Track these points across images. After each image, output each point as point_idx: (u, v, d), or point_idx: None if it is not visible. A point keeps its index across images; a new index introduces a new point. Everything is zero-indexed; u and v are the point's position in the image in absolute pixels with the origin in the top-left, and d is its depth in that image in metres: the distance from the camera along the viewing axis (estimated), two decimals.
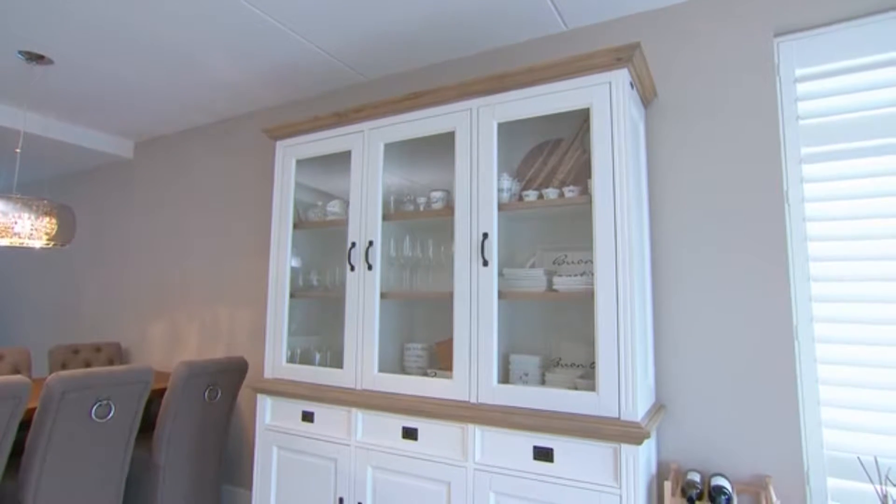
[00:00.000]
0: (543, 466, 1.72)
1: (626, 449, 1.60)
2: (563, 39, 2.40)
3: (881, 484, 1.58)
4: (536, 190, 2.02)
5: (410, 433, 1.97)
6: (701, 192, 2.03)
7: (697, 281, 2.00)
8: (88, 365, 3.59)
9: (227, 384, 2.82)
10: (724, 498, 1.64)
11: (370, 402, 2.04)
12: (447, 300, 2.04)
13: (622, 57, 1.74)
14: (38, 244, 2.61)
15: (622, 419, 1.63)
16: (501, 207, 1.97)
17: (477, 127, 2.01)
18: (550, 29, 2.38)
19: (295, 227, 2.49)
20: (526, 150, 2.26)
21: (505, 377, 2.06)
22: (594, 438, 1.64)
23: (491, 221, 1.93)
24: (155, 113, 3.48)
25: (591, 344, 2.03)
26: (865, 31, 1.84)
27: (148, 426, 3.00)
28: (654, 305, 2.06)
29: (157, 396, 2.93)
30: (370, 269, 2.18)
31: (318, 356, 2.50)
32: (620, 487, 1.60)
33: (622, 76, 1.77)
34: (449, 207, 2.14)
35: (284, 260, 2.45)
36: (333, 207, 2.47)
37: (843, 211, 1.82)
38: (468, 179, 1.99)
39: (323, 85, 3.02)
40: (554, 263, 2.15)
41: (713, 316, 1.96)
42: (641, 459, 1.62)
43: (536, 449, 1.74)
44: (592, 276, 1.76)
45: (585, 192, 1.92)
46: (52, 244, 2.68)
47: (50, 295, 4.63)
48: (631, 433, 1.58)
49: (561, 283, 1.88)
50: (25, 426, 2.29)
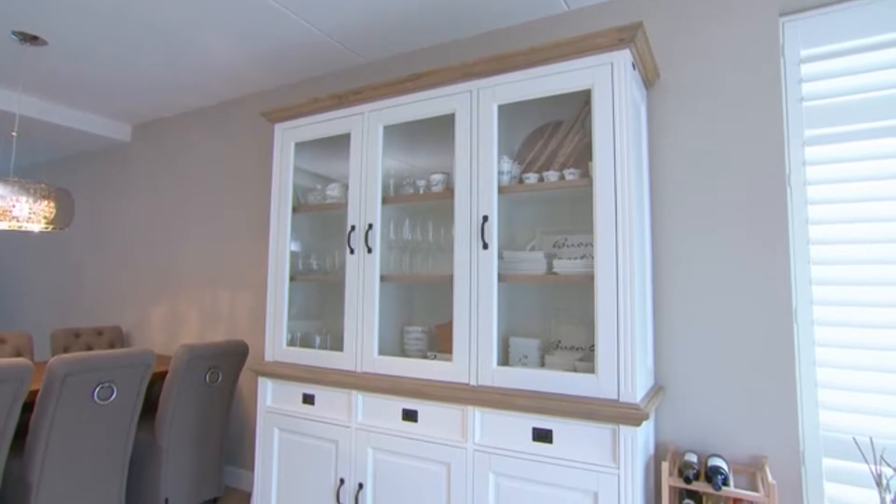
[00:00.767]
0: (542, 447, 1.74)
1: (624, 430, 1.62)
2: (564, 20, 2.36)
3: (875, 464, 1.59)
4: (537, 173, 2.00)
5: (410, 415, 1.99)
6: (702, 175, 2.02)
7: (698, 264, 2.00)
8: (90, 348, 3.61)
9: (227, 367, 2.84)
10: (720, 478, 1.66)
11: (370, 384, 2.05)
12: (447, 283, 2.04)
13: (624, 37, 1.72)
14: (36, 228, 2.60)
15: (621, 401, 1.64)
16: (501, 190, 1.96)
17: (477, 109, 1.99)
18: (552, 9, 2.35)
19: (294, 210, 2.48)
20: (526, 132, 2.24)
21: (504, 359, 2.07)
22: (593, 420, 1.65)
23: (491, 204, 1.92)
24: (152, 95, 3.44)
25: (590, 327, 2.03)
26: (872, 10, 1.81)
27: (150, 408, 3.03)
28: (653, 288, 2.06)
29: (158, 379, 2.94)
30: (370, 252, 2.17)
31: (318, 339, 2.50)
32: (619, 468, 1.62)
33: (624, 57, 1.74)
34: (449, 190, 2.13)
35: (284, 243, 2.44)
36: (333, 191, 2.46)
37: (845, 194, 1.82)
38: (468, 162, 1.98)
39: (321, 67, 2.98)
40: (554, 246, 2.15)
41: (713, 298, 1.96)
42: (640, 440, 1.63)
43: (536, 430, 1.75)
44: (592, 259, 1.76)
45: (586, 174, 1.91)
46: (50, 228, 2.66)
47: (50, 279, 4.63)
48: (629, 415, 1.59)
49: (561, 266, 1.88)
50: (29, 408, 2.31)
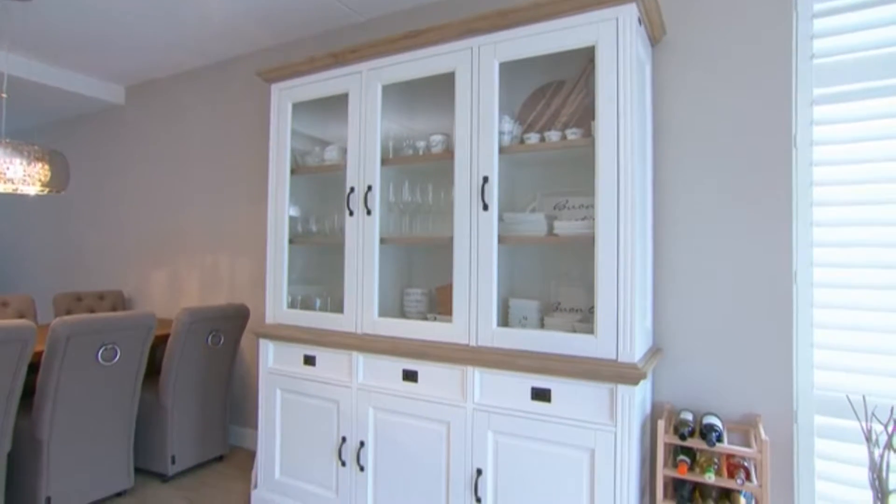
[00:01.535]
0: (541, 406, 1.77)
1: (622, 389, 1.64)
2: None
3: (867, 420, 1.62)
4: (538, 133, 1.97)
5: (411, 375, 2.01)
6: (707, 134, 1.99)
7: (699, 224, 1.99)
8: (92, 312, 3.63)
9: (229, 330, 2.86)
10: (714, 435, 1.70)
11: (371, 345, 2.07)
12: (447, 245, 2.03)
13: None
14: (32, 191, 2.58)
15: (619, 361, 1.66)
16: (502, 151, 1.93)
17: (478, 66, 1.94)
18: None
19: (292, 172, 2.45)
20: (528, 92, 2.20)
21: (504, 321, 2.08)
22: (592, 379, 1.67)
23: (491, 165, 1.89)
24: (144, 54, 3.35)
25: (590, 289, 2.04)
26: None
27: (155, 371, 3.07)
28: (654, 249, 2.06)
29: (161, 342, 2.97)
30: (369, 214, 2.16)
31: (318, 302, 2.52)
32: (616, 426, 1.65)
33: (630, 12, 1.69)
34: (449, 151, 2.10)
35: (283, 205, 2.42)
36: (331, 153, 2.42)
37: (851, 154, 1.79)
38: (468, 122, 1.94)
39: (318, 25, 2.90)
40: (555, 209, 2.13)
41: (714, 259, 1.96)
42: (637, 399, 1.65)
43: (534, 390, 1.78)
44: (593, 220, 1.74)
45: (588, 134, 1.87)
46: (46, 191, 2.64)
47: (50, 244, 4.63)
48: (628, 374, 1.61)
49: (561, 227, 1.86)
50: (35, 369, 2.34)
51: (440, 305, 2.22)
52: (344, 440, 2.16)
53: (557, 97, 2.07)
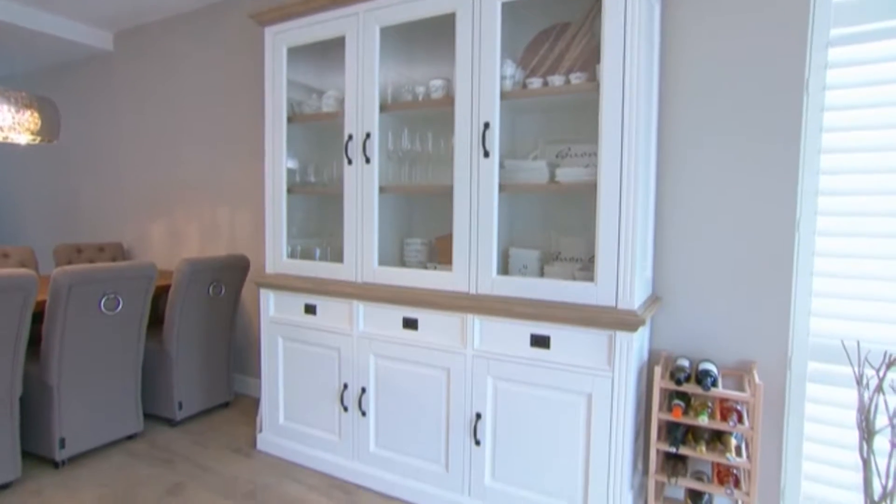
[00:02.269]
0: (540, 353, 1.79)
1: (620, 336, 1.66)
2: None
3: (859, 365, 1.65)
4: (541, 77, 1.91)
5: (411, 323, 2.03)
6: (716, 79, 1.93)
7: (704, 171, 1.96)
8: (92, 263, 3.64)
9: (230, 280, 2.88)
10: (709, 380, 1.73)
11: (371, 294, 2.08)
12: (447, 194, 2.01)
13: None
14: (22, 140, 2.52)
15: (619, 308, 1.67)
16: (504, 96, 1.88)
17: (479, 8, 1.85)
18: None
19: (289, 120, 2.39)
20: (531, 35, 2.11)
21: (504, 270, 2.08)
22: (591, 326, 1.69)
23: (493, 110, 1.85)
24: None
25: (590, 239, 2.03)
26: None
27: (158, 320, 3.11)
28: (657, 197, 2.04)
29: (163, 293, 3.00)
30: (368, 162, 2.12)
31: (318, 252, 2.51)
32: (613, 371, 1.68)
33: None
34: (449, 97, 2.04)
35: (280, 154, 2.38)
36: (329, 100, 2.36)
37: (863, 99, 1.73)
38: (469, 66, 1.88)
39: None
40: (557, 157, 2.09)
41: (717, 209, 1.94)
42: (635, 346, 1.68)
43: (534, 336, 1.80)
44: (596, 168, 1.71)
45: (593, 78, 1.81)
46: (37, 140, 2.59)
47: (47, 197, 4.59)
48: (627, 321, 1.62)
49: (563, 174, 1.84)
50: (40, 319, 2.36)
51: (440, 256, 2.22)
52: (346, 386, 2.20)
53: (561, 40, 1.99)
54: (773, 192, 1.85)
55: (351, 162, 2.16)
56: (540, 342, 1.79)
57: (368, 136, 2.12)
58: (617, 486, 1.69)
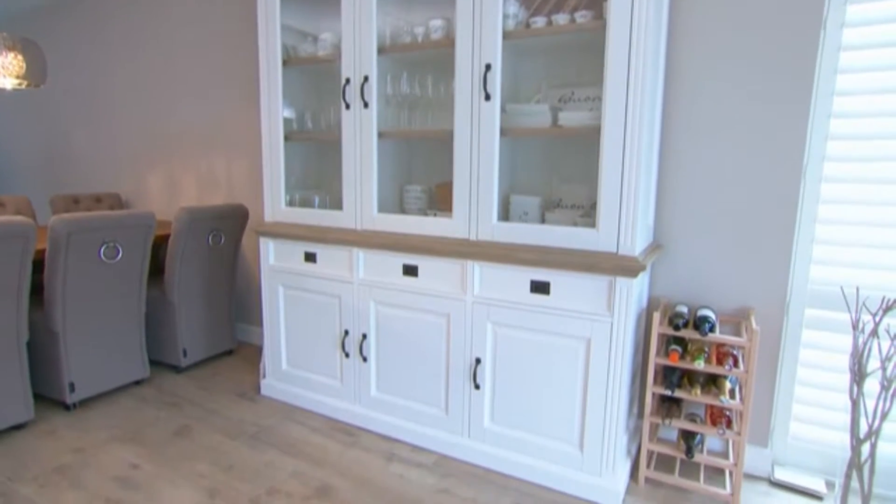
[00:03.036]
0: (540, 298, 1.80)
1: (620, 281, 1.66)
2: None
3: (857, 311, 1.66)
4: (545, 16, 1.83)
5: (411, 270, 2.04)
6: (727, 15, 1.84)
7: (710, 115, 1.91)
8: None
9: (229, 230, 2.87)
10: (707, 325, 1.75)
11: (371, 241, 2.08)
12: (447, 140, 1.97)
13: None
14: (8, 84, 2.45)
15: (620, 253, 1.66)
16: (506, 36, 1.80)
17: None
18: None
19: (285, 63, 2.31)
20: None
21: (505, 216, 2.06)
22: (591, 272, 1.69)
23: (494, 52, 1.78)
24: None
25: (592, 186, 2.00)
26: None
27: (160, 270, 3.12)
28: (661, 143, 2.00)
29: (163, 242, 2.99)
30: (366, 107, 2.07)
31: (317, 200, 2.49)
32: (612, 316, 1.69)
33: None
34: (449, 38, 1.96)
35: (276, 99, 2.31)
36: (325, 43, 2.27)
37: (883, 36, 1.66)
38: (470, 4, 1.80)
39: None
40: (560, 101, 2.04)
41: (723, 155, 1.91)
42: (635, 291, 1.68)
43: (534, 282, 1.81)
44: (599, 113, 1.67)
45: (599, 16, 1.74)
46: (23, 84, 2.51)
47: (40, 147, 4.51)
48: (627, 266, 1.62)
49: (566, 118, 1.79)
50: (41, 269, 2.37)
51: (440, 203, 2.20)
52: (347, 333, 2.23)
53: None
54: (781, 136, 1.81)
55: (349, 107, 2.11)
56: (540, 288, 1.79)
57: (366, 79, 2.05)
58: (613, 428, 1.73)
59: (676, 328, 1.77)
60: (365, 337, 2.18)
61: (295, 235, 2.28)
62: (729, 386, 1.79)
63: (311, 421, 2.31)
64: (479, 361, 1.93)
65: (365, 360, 2.20)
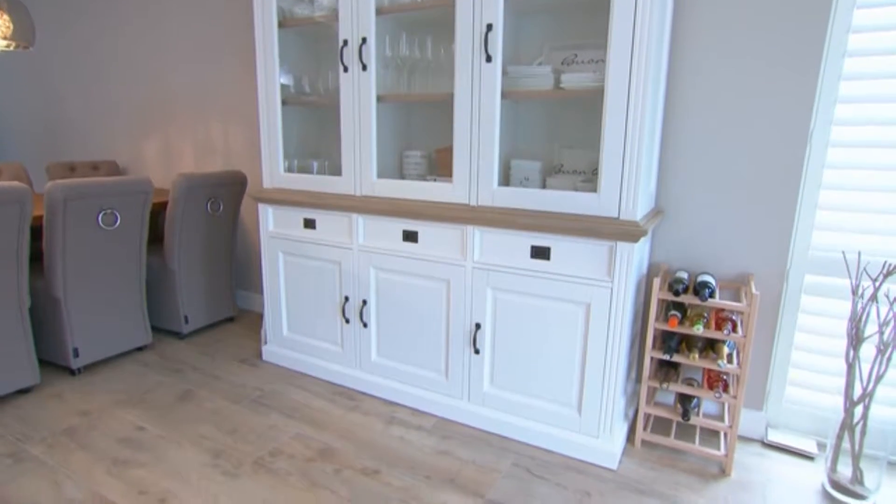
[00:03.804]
0: (540, 264, 1.80)
1: (621, 246, 1.65)
2: None
3: (857, 276, 1.66)
4: None
5: (411, 236, 2.03)
6: None
7: (716, 79, 1.87)
8: None
9: (227, 196, 2.85)
10: (707, 291, 1.75)
11: (370, 206, 2.06)
12: (447, 104, 1.93)
13: None
14: None
15: (621, 218, 1.65)
16: None
17: None
18: None
19: (280, 25, 2.25)
20: None
21: (505, 182, 2.04)
22: (592, 237, 1.68)
23: (496, 10, 1.73)
24: None
25: (594, 151, 1.97)
26: None
27: (159, 239, 3.11)
28: (665, 107, 1.96)
29: (162, 210, 2.98)
30: (364, 69, 2.02)
31: (315, 165, 2.46)
32: (612, 281, 1.69)
33: None
34: None
35: (272, 62, 2.26)
36: (322, 3, 2.20)
37: None
38: None
39: None
40: (563, 64, 1.99)
41: (728, 120, 1.87)
42: (635, 257, 1.68)
43: (534, 248, 1.80)
44: (603, 75, 1.63)
45: None
46: (11, 46, 2.45)
47: (35, 113, 4.44)
48: (628, 231, 1.61)
49: (569, 80, 1.75)
50: (40, 236, 2.36)
51: (440, 168, 2.18)
52: (347, 299, 2.24)
53: None
54: (789, 100, 1.77)
55: (347, 69, 2.06)
56: (540, 253, 1.79)
57: (364, 41, 2.00)
58: (611, 392, 1.76)
59: (676, 293, 1.78)
60: (365, 303, 2.19)
61: (294, 202, 2.26)
62: (727, 351, 1.80)
63: (312, 386, 2.34)
64: (478, 326, 1.94)
65: (365, 325, 2.22)
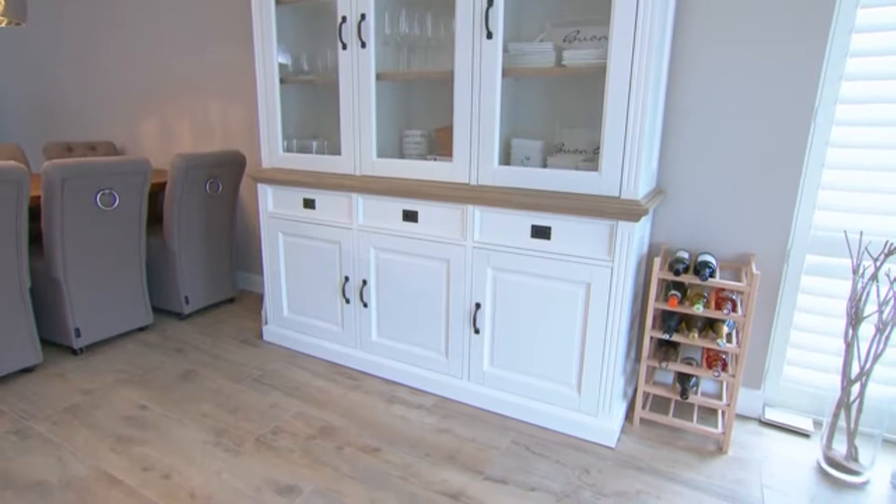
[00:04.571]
0: (540, 243, 1.80)
1: (622, 226, 1.65)
2: None
3: (858, 256, 1.66)
4: None
5: (411, 215, 2.02)
6: None
7: (721, 56, 1.84)
8: None
9: (226, 177, 2.83)
10: (708, 271, 1.75)
11: (370, 186, 2.05)
12: (447, 82, 1.91)
13: None
14: None
15: (622, 198, 1.64)
16: None
17: None
18: None
19: (278, 2, 2.21)
20: None
21: (506, 161, 2.03)
22: (593, 216, 1.67)
23: None
24: None
25: (595, 131, 1.96)
26: None
27: (159, 220, 3.10)
28: (668, 86, 1.93)
29: (161, 191, 2.96)
30: (363, 47, 1.99)
31: (315, 145, 2.44)
32: (613, 261, 1.69)
33: None
34: None
35: (270, 39, 2.23)
36: None
37: None
38: None
39: None
40: (564, 41, 1.96)
41: (731, 99, 1.85)
42: (636, 236, 1.67)
43: (534, 227, 1.79)
44: (605, 52, 1.60)
45: None
46: (3, 22, 2.40)
47: (32, 94, 4.39)
48: (630, 210, 1.60)
49: (571, 57, 1.73)
50: (38, 217, 2.35)
51: (440, 147, 2.16)
52: (347, 279, 2.24)
53: None
54: (793, 78, 1.75)
55: (346, 47, 2.03)
56: (540, 233, 1.78)
57: (363, 17, 1.96)
58: (610, 371, 1.77)
59: (677, 273, 1.78)
60: (365, 283, 2.19)
61: (293, 181, 2.25)
62: (726, 330, 1.81)
63: (313, 365, 2.35)
64: (478, 306, 1.95)
65: (365, 305, 2.22)
